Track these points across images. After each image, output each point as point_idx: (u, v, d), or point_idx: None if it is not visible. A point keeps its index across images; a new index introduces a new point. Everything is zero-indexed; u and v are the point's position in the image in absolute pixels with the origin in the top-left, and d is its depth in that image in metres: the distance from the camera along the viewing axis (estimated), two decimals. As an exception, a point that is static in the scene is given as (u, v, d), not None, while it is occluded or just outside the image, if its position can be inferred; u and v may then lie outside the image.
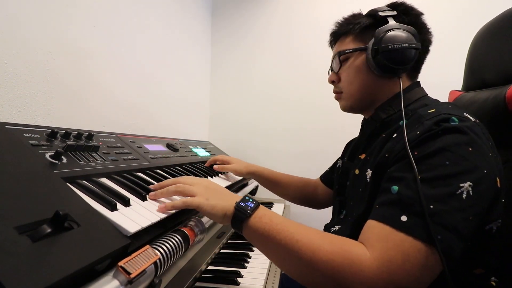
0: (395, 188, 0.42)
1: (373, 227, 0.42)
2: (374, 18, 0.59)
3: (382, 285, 0.37)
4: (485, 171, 0.40)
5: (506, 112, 0.58)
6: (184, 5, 1.41)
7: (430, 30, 0.60)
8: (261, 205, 0.49)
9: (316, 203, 0.94)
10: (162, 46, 1.22)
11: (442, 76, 1.30)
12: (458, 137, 0.42)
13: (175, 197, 0.55)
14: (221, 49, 1.74)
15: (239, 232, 0.48)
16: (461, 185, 0.39)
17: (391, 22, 0.56)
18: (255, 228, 0.45)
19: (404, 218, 0.39)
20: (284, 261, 0.44)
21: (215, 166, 0.91)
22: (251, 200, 0.49)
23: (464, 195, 0.39)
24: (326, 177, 0.91)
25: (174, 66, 1.33)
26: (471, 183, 0.39)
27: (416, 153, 0.43)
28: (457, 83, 0.83)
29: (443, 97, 0.83)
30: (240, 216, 0.46)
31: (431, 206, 0.38)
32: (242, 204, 0.48)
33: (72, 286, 0.30)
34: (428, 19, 0.60)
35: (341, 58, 0.63)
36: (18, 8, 0.62)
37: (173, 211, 0.50)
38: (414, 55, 0.55)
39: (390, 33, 0.54)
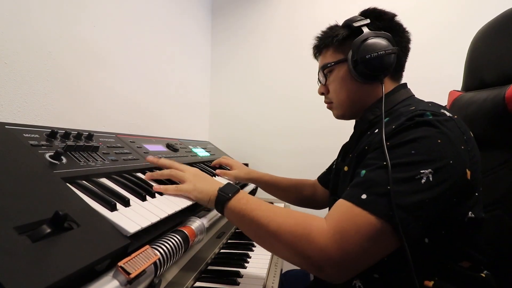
0: (363, 172, 0.47)
1: (337, 205, 0.47)
2: (350, 29, 0.61)
3: (334, 252, 0.42)
4: (451, 162, 0.44)
5: (505, 112, 0.58)
6: (184, 5, 1.41)
7: (406, 30, 0.62)
8: (241, 190, 0.56)
9: (315, 204, 0.95)
10: (162, 46, 1.22)
11: (441, 76, 1.30)
12: (428, 129, 0.45)
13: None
14: (221, 48, 1.74)
15: (221, 213, 0.55)
16: (422, 171, 0.43)
17: (366, 31, 0.58)
18: (234, 208, 0.52)
19: (364, 196, 0.44)
20: (256, 235, 0.51)
21: (217, 171, 0.93)
22: (232, 185, 0.56)
23: (423, 180, 0.42)
24: (323, 178, 0.93)
25: (174, 66, 1.33)
26: (432, 170, 0.42)
27: (388, 143, 0.47)
28: (457, 83, 0.83)
29: (443, 97, 0.84)
30: (222, 198, 0.54)
31: (388, 187, 0.42)
32: (224, 188, 0.55)
33: (72, 286, 0.30)
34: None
35: (325, 71, 0.66)
36: (17, 8, 0.62)
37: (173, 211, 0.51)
38: (393, 59, 0.57)
39: (366, 43, 0.57)
